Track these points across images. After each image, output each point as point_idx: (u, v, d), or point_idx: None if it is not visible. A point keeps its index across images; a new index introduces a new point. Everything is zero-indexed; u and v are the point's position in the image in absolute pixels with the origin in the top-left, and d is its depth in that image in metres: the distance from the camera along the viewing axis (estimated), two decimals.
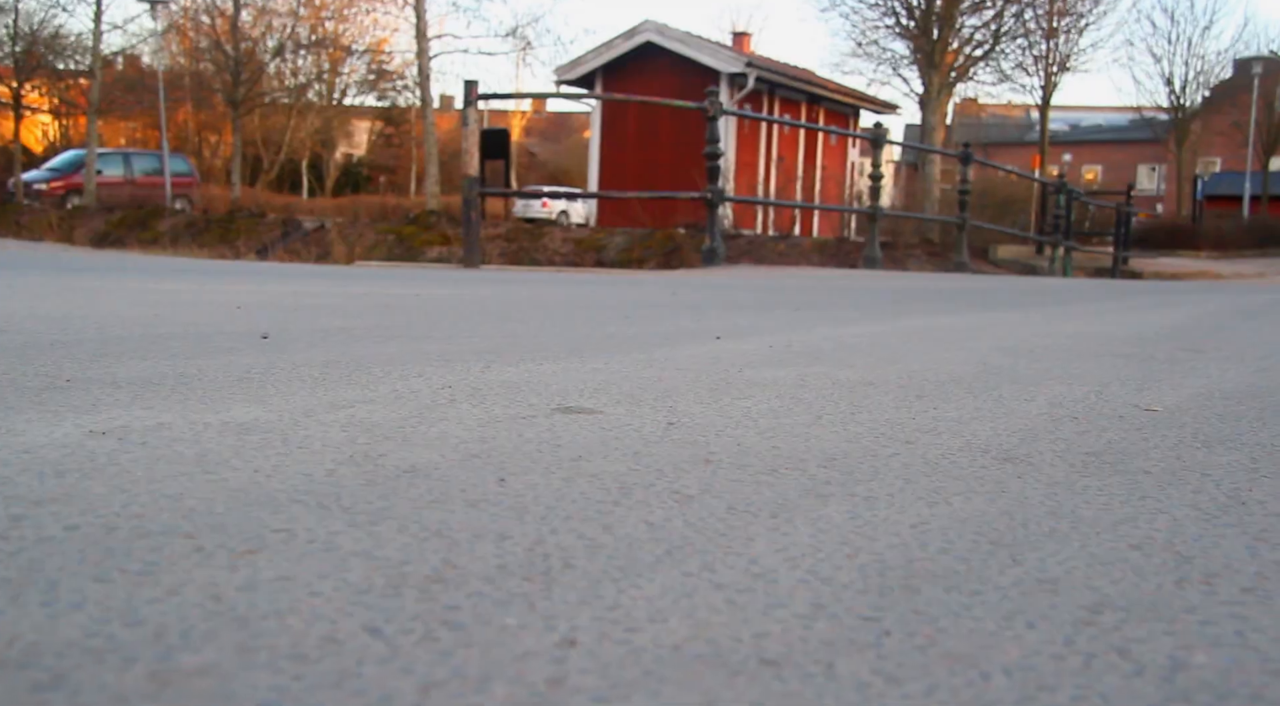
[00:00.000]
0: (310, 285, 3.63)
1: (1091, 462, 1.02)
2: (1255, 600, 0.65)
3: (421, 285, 3.91)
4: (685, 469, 0.92)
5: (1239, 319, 3.29)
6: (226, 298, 2.76)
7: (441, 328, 2.02)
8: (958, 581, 0.66)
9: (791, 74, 18.12)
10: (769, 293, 4.38)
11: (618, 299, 3.38)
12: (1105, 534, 0.78)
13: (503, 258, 15.54)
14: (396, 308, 2.58)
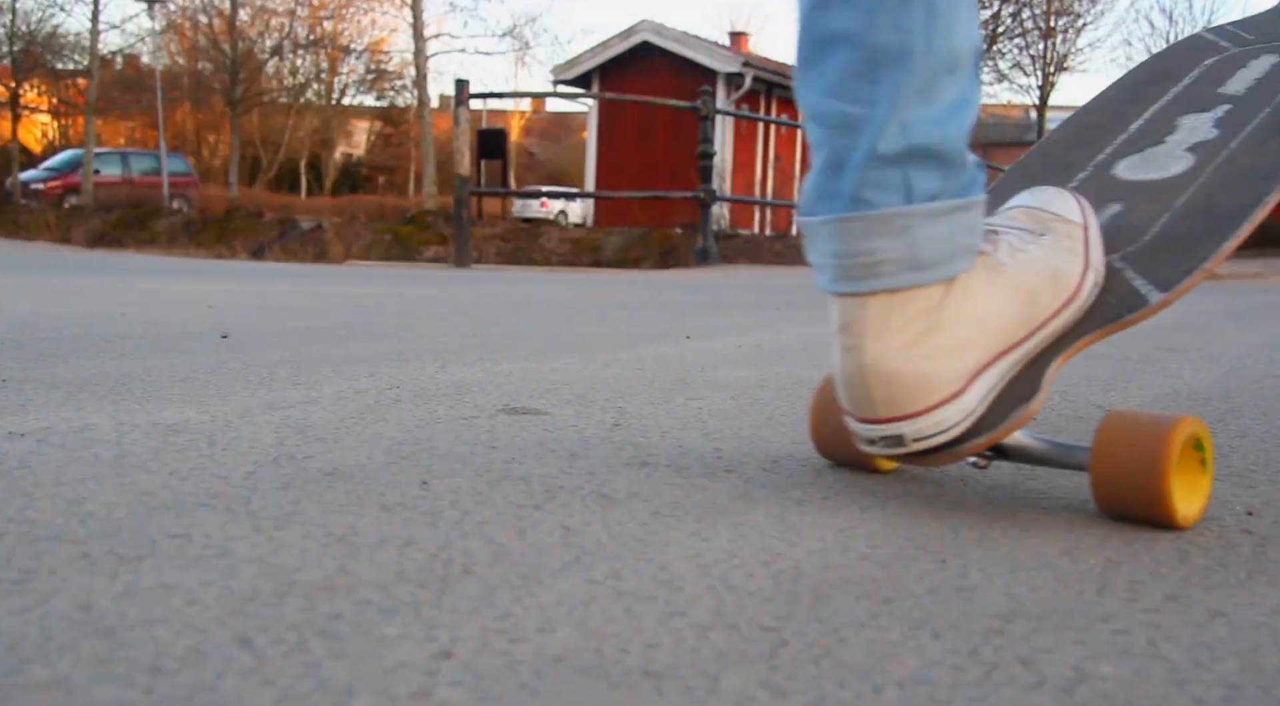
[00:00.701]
0: (292, 284, 3.61)
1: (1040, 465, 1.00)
2: (1175, 608, 0.63)
3: (406, 285, 3.89)
4: (619, 471, 0.90)
5: (1226, 319, 3.27)
6: (203, 297, 2.74)
7: (410, 327, 2.00)
8: (872, 588, 0.64)
9: (789, 74, 18.09)
10: (754, 292, 4.37)
11: (600, 298, 3.37)
12: (1037, 539, 0.76)
13: (499, 257, 15.52)
14: (372, 307, 2.56)
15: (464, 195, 7.09)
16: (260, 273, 5.07)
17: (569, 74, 18.26)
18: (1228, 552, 0.75)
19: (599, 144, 18.17)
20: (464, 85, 7.02)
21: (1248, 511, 0.86)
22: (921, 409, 0.77)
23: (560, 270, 9.97)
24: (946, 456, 0.80)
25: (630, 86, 16.42)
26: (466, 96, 7.05)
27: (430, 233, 13.91)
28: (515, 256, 15.68)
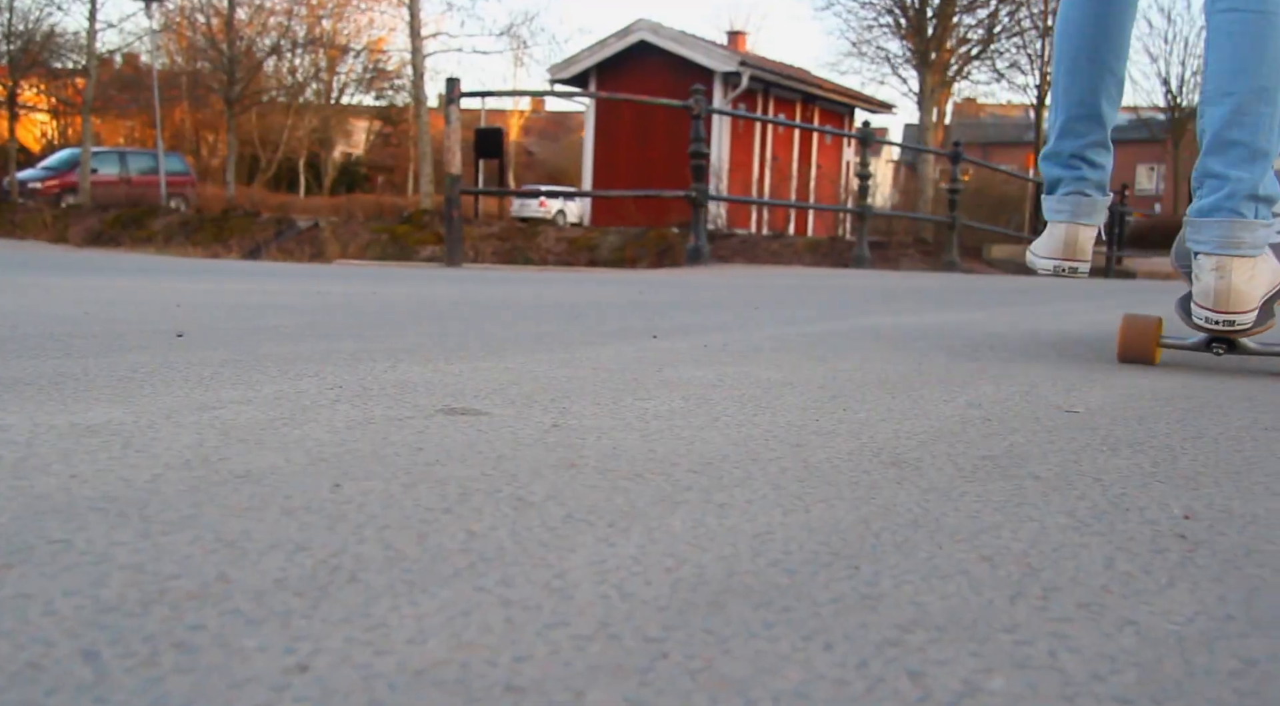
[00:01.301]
0: (272, 283, 3.59)
1: (983, 467, 0.98)
2: (1086, 616, 0.61)
3: (388, 283, 3.87)
4: (543, 473, 0.88)
5: None
6: (176, 296, 2.72)
7: (375, 326, 1.98)
8: (773, 596, 0.62)
9: (786, 73, 18.07)
10: (739, 291, 4.34)
11: (580, 297, 3.34)
12: (961, 544, 0.74)
13: (496, 256, 15.51)
14: (345, 306, 2.54)
15: (455, 194, 7.07)
16: (246, 271, 5.05)
17: (566, 73, 18.24)
18: (1155, 558, 0.73)
19: (596, 143, 18.16)
20: (455, 83, 7.00)
21: (1185, 515, 0.84)
22: (1246, 309, 1.67)
23: (555, 269, 9.96)
24: (1242, 333, 1.70)
25: (627, 86, 16.40)
26: (458, 95, 7.03)
27: (427, 232, 13.89)
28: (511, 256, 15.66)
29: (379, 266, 7.12)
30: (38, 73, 25.49)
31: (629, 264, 13.03)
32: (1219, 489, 0.93)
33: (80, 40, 23.13)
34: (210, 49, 24.87)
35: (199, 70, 27.90)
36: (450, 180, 7.02)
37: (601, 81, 17.83)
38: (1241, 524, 0.82)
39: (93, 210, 17.94)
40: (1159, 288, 7.97)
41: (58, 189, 22.17)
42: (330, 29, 31.16)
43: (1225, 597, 0.65)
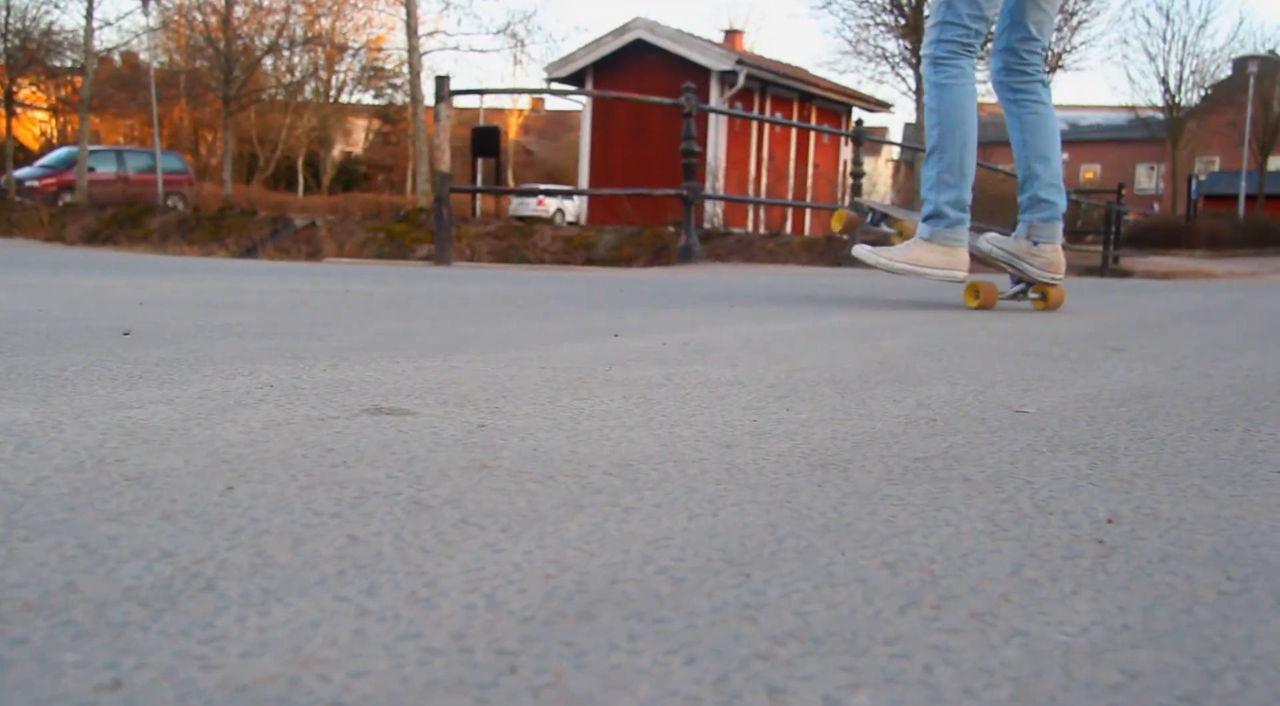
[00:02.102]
0: (250, 281, 3.57)
1: (914, 469, 0.96)
2: (975, 627, 0.58)
3: (368, 281, 3.85)
4: (451, 476, 0.85)
5: (1187, 318, 3.22)
6: (146, 293, 2.69)
7: (335, 323, 1.95)
8: (650, 606, 0.59)
9: (783, 72, 18.04)
10: (722, 290, 4.32)
11: (556, 295, 3.32)
12: (867, 550, 0.71)
13: (492, 256, 15.48)
14: (313, 304, 2.51)
15: (445, 192, 7.05)
16: (230, 270, 5.02)
17: (563, 72, 18.21)
18: (1066, 564, 0.70)
19: (592, 142, 18.13)
20: (444, 81, 6.97)
21: (1108, 519, 0.81)
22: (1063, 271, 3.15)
23: (548, 269, 9.93)
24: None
25: (624, 84, 16.37)
26: (448, 93, 7.00)
27: (423, 230, 13.87)
28: (507, 255, 15.63)
29: (368, 265, 7.10)
30: (35, 71, 25.48)
31: (625, 262, 13.00)
32: (1152, 492, 0.91)
33: (78, 38, 23.10)
34: (208, 47, 24.84)
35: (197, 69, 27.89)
36: (440, 178, 6.99)
37: (598, 80, 17.80)
38: (1165, 528, 0.79)
39: (89, 209, 17.91)
40: (1151, 286, 7.94)
41: (55, 187, 22.14)
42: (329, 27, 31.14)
43: (1126, 606, 0.62)
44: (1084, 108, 44.43)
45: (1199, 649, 0.56)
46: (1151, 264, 15.70)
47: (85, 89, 21.22)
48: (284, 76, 32.29)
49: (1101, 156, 41.61)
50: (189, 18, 27.07)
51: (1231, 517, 0.83)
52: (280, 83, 32.24)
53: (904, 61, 17.66)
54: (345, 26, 31.98)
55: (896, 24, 18.03)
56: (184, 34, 28.40)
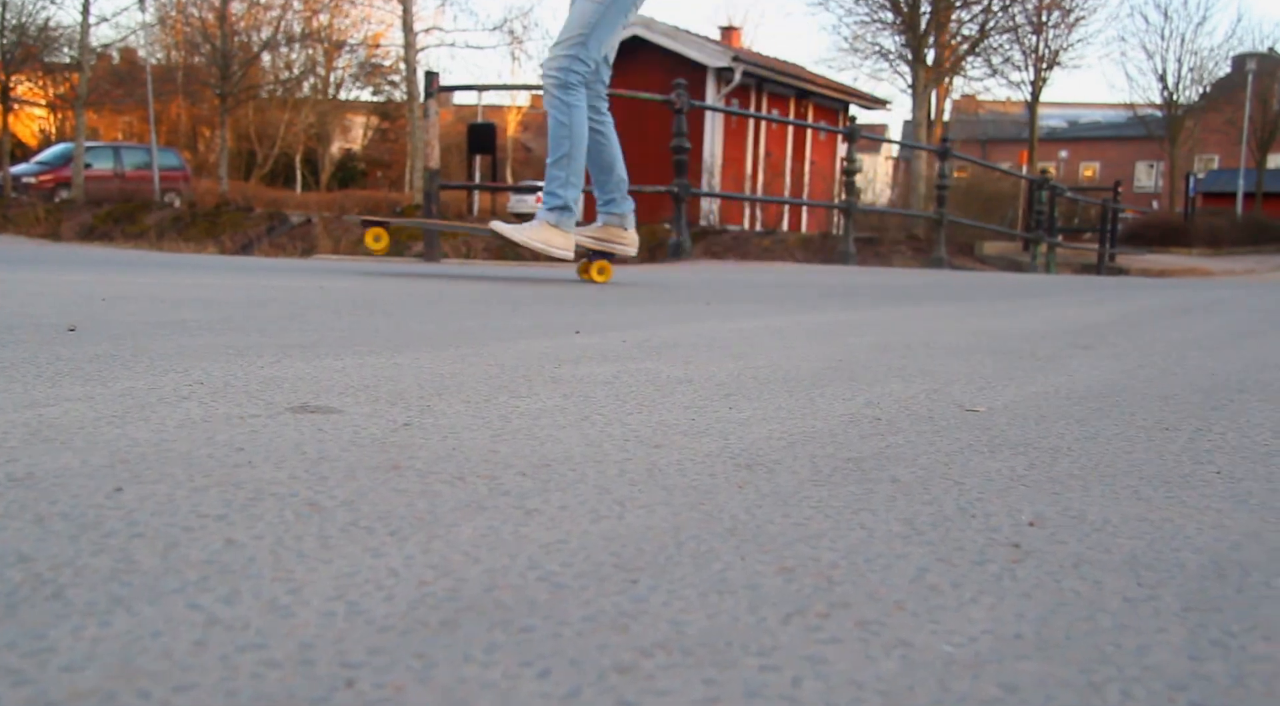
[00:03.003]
0: (225, 278, 3.54)
1: (844, 470, 0.93)
2: (858, 637, 0.55)
3: (347, 278, 3.82)
4: (358, 476, 0.83)
5: (1168, 315, 3.19)
6: (113, 289, 2.67)
7: (292, 320, 1.92)
8: (520, 614, 0.56)
9: (780, 69, 18.00)
10: (706, 287, 4.29)
11: (533, 292, 3.29)
12: (768, 554, 0.69)
13: (488, 253, 15.45)
14: (280, 300, 2.49)
15: (434, 189, 7.02)
16: (214, 266, 4.99)
17: None
18: (973, 570, 0.67)
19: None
20: (433, 77, 6.94)
21: (1030, 522, 0.79)
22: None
23: (542, 266, 9.89)
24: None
25: (620, 81, 16.29)
26: (436, 89, 6.97)
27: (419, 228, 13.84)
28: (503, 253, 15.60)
29: (356, 261, 7.07)
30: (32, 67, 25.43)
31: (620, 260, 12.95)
32: (1084, 493, 0.88)
33: (75, 34, 23.03)
34: (204, 43, 24.79)
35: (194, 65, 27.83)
36: (428, 175, 6.97)
37: None
38: (1087, 531, 0.77)
39: (86, 205, 17.87)
40: (1143, 284, 7.92)
41: (52, 184, 22.10)
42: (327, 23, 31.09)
43: (1024, 614, 0.60)
44: (1083, 105, 44.36)
45: (1088, 659, 0.54)
46: (1148, 262, 15.67)
47: (81, 85, 21.17)
48: (282, 73, 32.24)
49: (1101, 154, 41.55)
50: (186, 13, 27.02)
51: (1158, 520, 0.81)
52: (278, 79, 32.19)
53: (901, 58, 17.63)
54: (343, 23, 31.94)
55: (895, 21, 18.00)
56: (181, 30, 28.34)
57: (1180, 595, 0.64)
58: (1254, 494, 0.90)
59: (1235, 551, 0.73)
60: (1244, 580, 0.67)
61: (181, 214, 16.81)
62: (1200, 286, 7.45)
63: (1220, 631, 0.58)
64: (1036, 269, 12.43)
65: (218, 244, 17.46)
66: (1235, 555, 0.72)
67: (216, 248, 16.84)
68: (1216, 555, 0.72)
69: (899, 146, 30.57)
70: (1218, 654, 0.55)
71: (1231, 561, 0.71)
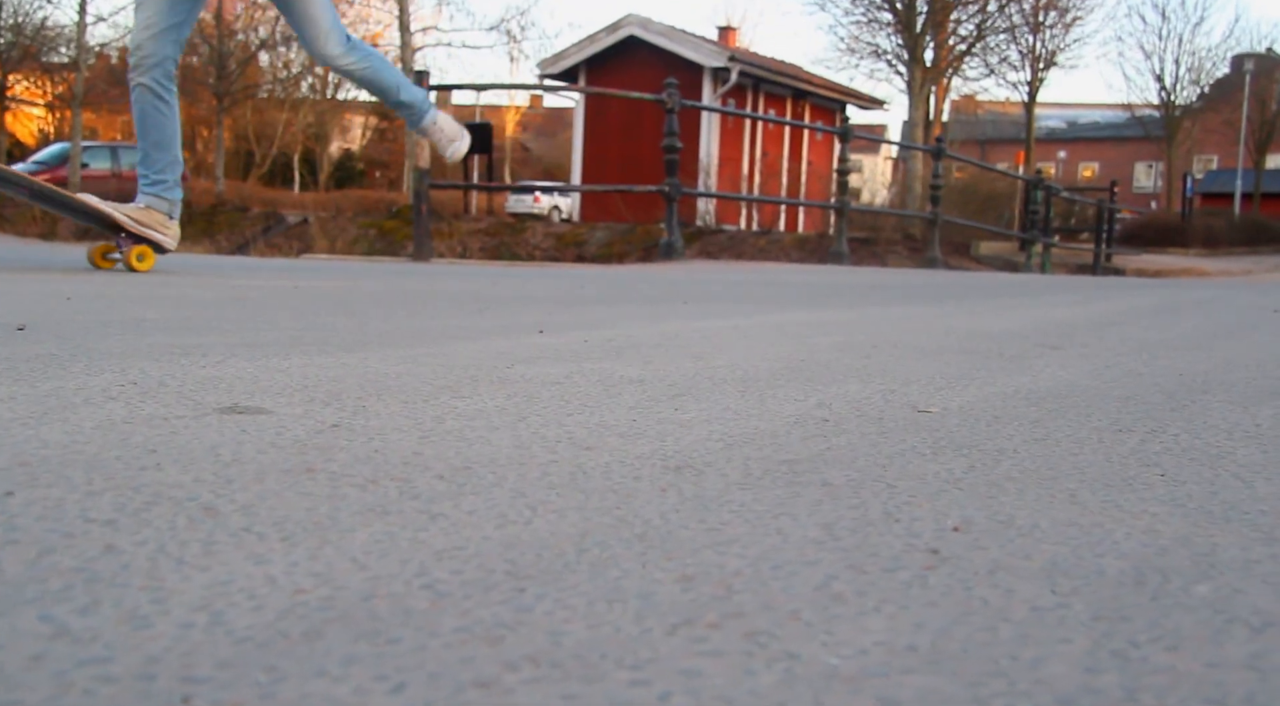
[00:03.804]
0: (199, 277, 3.52)
1: (776, 472, 0.91)
2: (743, 649, 0.53)
3: (327, 277, 3.80)
4: (266, 479, 0.80)
5: (1149, 315, 3.16)
6: (81, 289, 2.64)
7: (251, 320, 1.90)
8: (391, 625, 0.54)
9: (777, 68, 17.99)
10: (688, 286, 4.27)
11: (514, 292, 3.27)
12: (673, 562, 0.66)
13: (483, 252, 15.41)
14: (248, 299, 2.46)
15: (423, 188, 7.00)
16: (198, 265, 4.96)
17: (555, 68, 18.14)
18: (883, 578, 0.65)
19: (585, 139, 18.07)
20: (423, 77, 6.92)
21: (955, 527, 0.76)
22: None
23: (536, 265, 9.88)
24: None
25: (616, 81, 16.29)
26: (425, 88, 6.95)
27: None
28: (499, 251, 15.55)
29: (345, 261, 7.05)
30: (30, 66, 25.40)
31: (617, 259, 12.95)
32: (1019, 497, 0.86)
33: (72, 34, 22.99)
34: (200, 42, 24.77)
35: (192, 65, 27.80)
36: (418, 175, 6.95)
37: (591, 77, 17.73)
38: (1013, 536, 0.74)
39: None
40: (1133, 283, 7.89)
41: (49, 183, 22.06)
42: None
43: (925, 625, 0.57)
44: (1082, 106, 44.34)
45: (978, 672, 0.51)
46: (1144, 262, 15.66)
47: (78, 85, 21.14)
48: (280, 72, 32.21)
49: (1100, 154, 41.53)
50: None
51: (1089, 525, 0.78)
52: (276, 79, 32.16)
53: (897, 58, 17.60)
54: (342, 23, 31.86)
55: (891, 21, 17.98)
56: None
57: (1092, 603, 0.62)
58: (1194, 497, 0.88)
59: (1160, 557, 0.71)
60: (1162, 587, 0.65)
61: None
62: (1191, 287, 7.43)
63: (1125, 641, 0.56)
64: (1031, 269, 12.41)
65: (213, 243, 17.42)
66: (1159, 561, 0.70)
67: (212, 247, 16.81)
68: (1140, 561, 0.70)
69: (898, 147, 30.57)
70: (1115, 665, 0.53)
71: (1154, 568, 0.69)
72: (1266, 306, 4.12)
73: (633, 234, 14.18)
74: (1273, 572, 0.68)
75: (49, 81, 28.68)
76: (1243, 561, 0.70)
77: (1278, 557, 0.71)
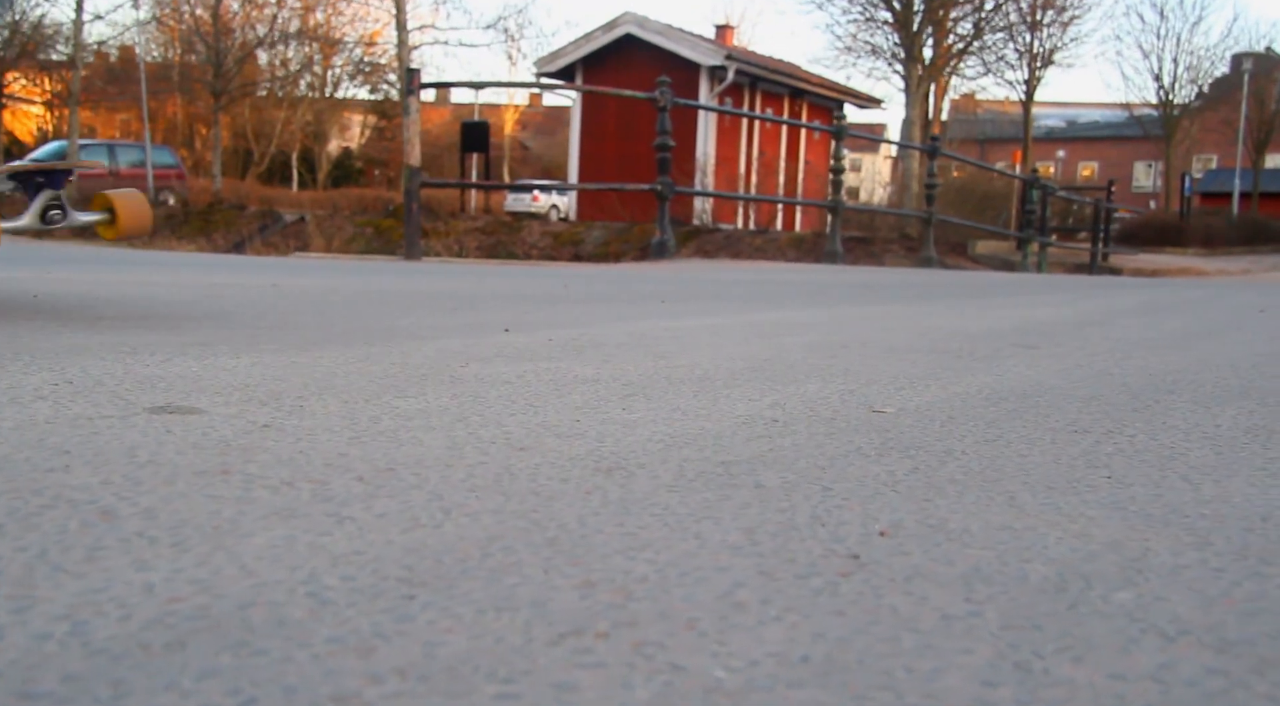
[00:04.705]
0: (180, 275, 3.49)
1: (710, 474, 0.88)
2: (626, 661, 0.51)
3: (311, 275, 3.77)
4: (177, 482, 0.78)
5: (1134, 314, 3.14)
6: (50, 286, 2.62)
7: (212, 318, 1.88)
8: (260, 636, 0.52)
9: (774, 67, 17.95)
10: (673, 285, 4.25)
11: (496, 290, 3.24)
12: (576, 569, 0.64)
13: (480, 250, 15.39)
14: (220, 297, 2.44)
15: (415, 187, 6.97)
16: (184, 263, 4.94)
17: (552, 67, 18.10)
18: (795, 584, 0.63)
19: (582, 138, 18.04)
20: (414, 74, 6.90)
21: (882, 531, 0.74)
22: None
23: (531, 264, 9.85)
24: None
25: (613, 80, 16.25)
26: (417, 86, 6.93)
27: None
28: (495, 250, 15.53)
29: (336, 259, 7.03)
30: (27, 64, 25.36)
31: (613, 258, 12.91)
32: (958, 499, 0.83)
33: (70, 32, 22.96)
34: (197, 40, 24.74)
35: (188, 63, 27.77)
36: (409, 172, 6.92)
37: (587, 75, 17.70)
38: (941, 541, 0.72)
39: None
40: (1126, 283, 7.87)
41: None
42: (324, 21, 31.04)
43: (825, 634, 0.55)
44: (1082, 105, 44.29)
45: (869, 686, 0.49)
46: (1141, 261, 15.62)
47: (74, 83, 21.12)
48: (278, 70, 32.17)
49: (1100, 154, 41.47)
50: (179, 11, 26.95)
51: (1022, 529, 0.76)
52: (274, 77, 32.12)
53: (894, 57, 17.58)
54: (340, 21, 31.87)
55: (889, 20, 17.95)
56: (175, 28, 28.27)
57: (1005, 612, 0.59)
58: (1136, 500, 0.85)
59: (1088, 563, 0.69)
60: (1082, 594, 0.62)
61: (175, 212, 16.75)
62: (1184, 286, 7.40)
63: (1030, 652, 0.54)
64: (1028, 268, 12.38)
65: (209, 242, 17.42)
66: (1086, 567, 0.68)
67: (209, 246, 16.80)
68: (1066, 567, 0.67)
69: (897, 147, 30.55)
70: (1015, 678, 0.50)
71: (1079, 574, 0.66)
72: (1256, 306, 4.09)
73: (629, 233, 14.13)
74: (1199, 578, 0.66)
75: (47, 79, 28.66)
76: (1171, 567, 0.68)
77: (1207, 562, 0.69)
